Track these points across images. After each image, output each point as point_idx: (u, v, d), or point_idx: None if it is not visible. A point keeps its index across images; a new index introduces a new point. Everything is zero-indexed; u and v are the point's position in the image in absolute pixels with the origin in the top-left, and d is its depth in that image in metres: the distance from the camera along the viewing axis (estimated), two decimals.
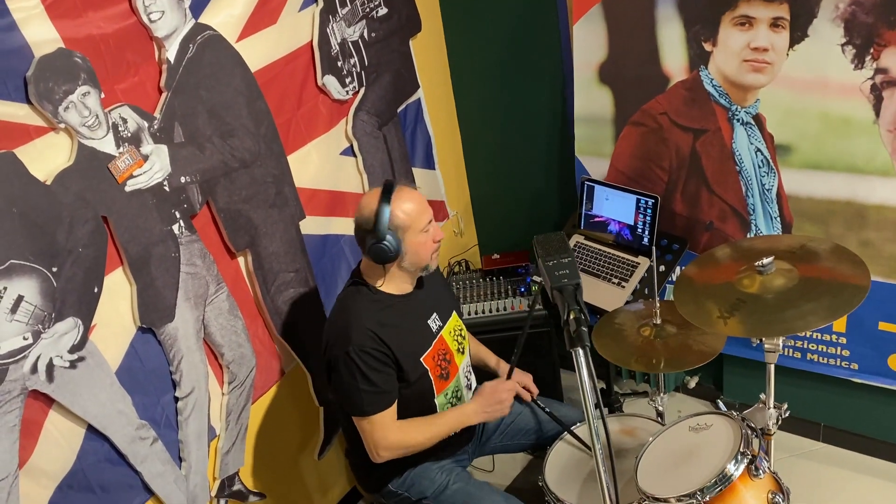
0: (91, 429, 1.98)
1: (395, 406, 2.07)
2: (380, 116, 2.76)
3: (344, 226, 2.68)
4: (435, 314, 2.20)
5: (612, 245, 2.74)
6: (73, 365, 1.90)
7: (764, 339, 1.82)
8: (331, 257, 2.67)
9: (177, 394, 2.19)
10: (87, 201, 1.88)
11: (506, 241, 3.31)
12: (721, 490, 1.63)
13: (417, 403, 2.12)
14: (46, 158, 1.81)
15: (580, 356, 1.37)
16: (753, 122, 2.43)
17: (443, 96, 3.15)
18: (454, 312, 2.28)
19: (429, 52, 3.00)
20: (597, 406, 1.44)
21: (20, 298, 1.77)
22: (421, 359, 2.10)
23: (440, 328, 2.20)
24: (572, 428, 2.21)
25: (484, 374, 2.41)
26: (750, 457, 1.67)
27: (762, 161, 2.46)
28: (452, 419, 2.14)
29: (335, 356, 2.03)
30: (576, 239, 2.85)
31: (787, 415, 1.90)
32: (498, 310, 2.89)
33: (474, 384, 2.32)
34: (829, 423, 2.79)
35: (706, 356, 2.03)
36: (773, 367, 1.84)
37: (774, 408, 1.87)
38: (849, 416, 2.72)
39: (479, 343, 2.48)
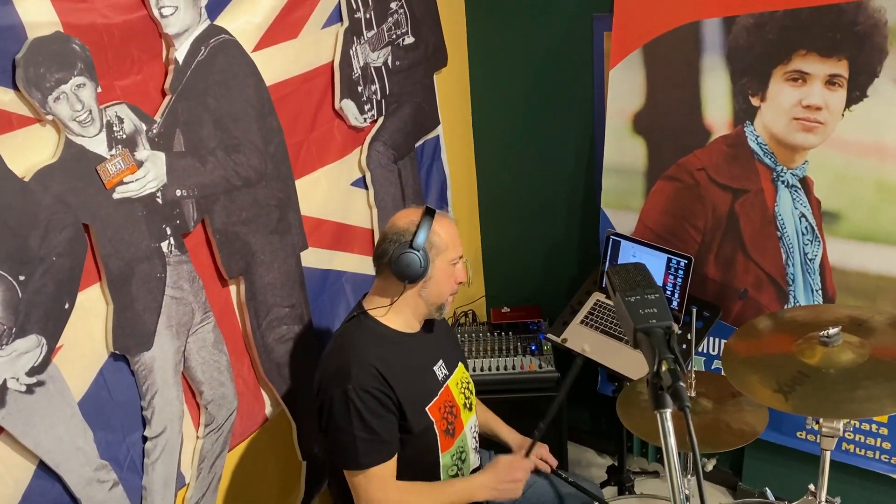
0: (42, 466, 1.71)
1: (395, 460, 1.82)
2: (396, 149, 2.58)
3: (348, 262, 2.47)
4: (441, 361, 1.97)
5: None
6: (30, 389, 1.65)
7: (823, 420, 1.60)
8: (330, 295, 2.45)
9: (146, 433, 1.93)
10: (69, 205, 1.66)
11: (516, 295, 3.10)
12: None
13: (419, 462, 1.87)
14: (27, 152, 1.60)
15: (685, 418, 1.11)
16: (800, 185, 2.25)
17: (462, 136, 2.99)
18: (461, 363, 2.06)
19: (452, 87, 2.85)
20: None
21: None
22: (426, 408, 1.87)
23: (446, 377, 1.97)
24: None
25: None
26: None
27: (806, 228, 2.27)
28: (460, 490, 1.89)
29: (330, 396, 1.80)
30: (595, 298, 2.64)
31: None
32: (506, 368, 2.66)
33: (478, 448, 2.07)
34: None
35: (746, 437, 1.80)
36: (828, 454, 1.62)
37: (826, 502, 1.64)
38: None
39: (486, 408, 2.25)
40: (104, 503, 1.84)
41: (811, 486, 1.68)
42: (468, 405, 2.02)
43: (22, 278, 1.60)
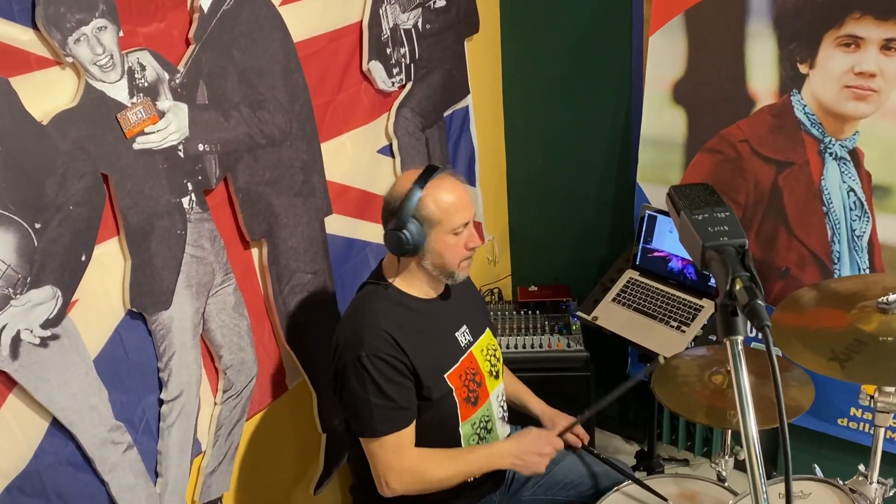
0: (56, 423, 1.66)
1: (412, 427, 1.75)
2: (425, 117, 2.49)
3: (372, 232, 2.39)
4: (465, 327, 1.89)
5: (672, 285, 2.43)
6: (44, 343, 1.59)
7: (878, 395, 1.49)
8: (354, 265, 2.37)
9: (162, 395, 1.87)
10: (87, 152, 1.60)
11: (544, 274, 3.00)
12: None
13: (438, 430, 1.80)
14: (46, 95, 1.54)
15: (764, 337, 0.95)
16: (849, 158, 2.14)
17: (492, 107, 2.90)
18: (488, 330, 1.98)
19: (483, 55, 2.76)
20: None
21: None
22: (445, 375, 1.80)
23: (470, 343, 1.89)
24: (624, 485, 1.87)
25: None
26: None
27: (855, 203, 2.16)
28: (481, 457, 1.80)
29: (344, 363, 1.74)
30: (629, 275, 2.54)
31: (892, 493, 1.56)
32: (532, 346, 2.58)
33: (507, 418, 1.99)
34: None
35: (792, 412, 1.70)
36: (882, 432, 1.51)
37: (879, 483, 1.53)
38: None
39: (514, 378, 2.16)
40: (118, 465, 1.79)
41: (861, 467, 1.58)
42: (494, 373, 1.94)
43: (38, 226, 1.54)
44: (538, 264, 3.10)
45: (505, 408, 1.99)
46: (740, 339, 1.01)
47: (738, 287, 0.96)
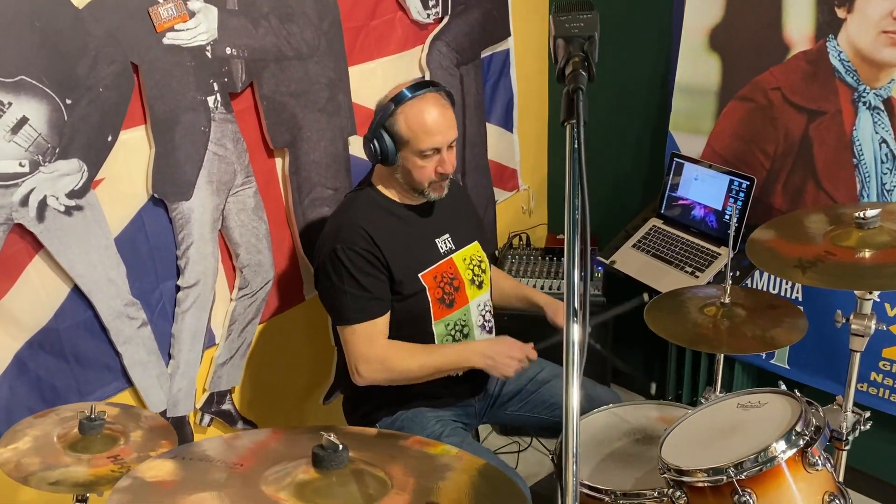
0: (76, 290, 1.82)
1: (385, 319, 1.83)
2: (460, 53, 2.55)
3: None
4: (447, 235, 1.94)
5: (692, 233, 2.41)
6: (68, 211, 1.75)
7: (853, 317, 1.46)
8: None
9: (179, 282, 2.02)
10: (119, 41, 1.75)
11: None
12: (762, 471, 1.27)
13: (411, 326, 1.87)
14: None
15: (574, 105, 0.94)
16: (883, 108, 2.07)
17: (535, 55, 2.91)
18: (476, 242, 2.02)
19: (527, 1, 2.78)
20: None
21: (24, 120, 1.63)
22: (420, 274, 1.86)
23: (451, 251, 1.94)
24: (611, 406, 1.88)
25: None
26: (807, 439, 1.31)
27: (887, 155, 2.08)
28: (452, 353, 1.86)
29: (322, 257, 1.84)
30: (652, 223, 2.52)
31: (867, 427, 1.52)
32: (550, 288, 2.59)
33: (493, 331, 2.03)
34: None
35: (778, 343, 1.67)
36: (858, 356, 1.47)
37: (853, 412, 1.50)
38: None
39: (518, 283, 2.24)
40: (132, 339, 1.94)
41: (839, 397, 1.54)
42: (478, 283, 1.98)
43: (69, 102, 1.69)
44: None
45: (488, 318, 2.03)
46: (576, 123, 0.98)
47: (570, 68, 0.96)
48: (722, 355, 1.88)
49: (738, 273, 2.19)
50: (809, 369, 2.32)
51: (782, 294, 2.34)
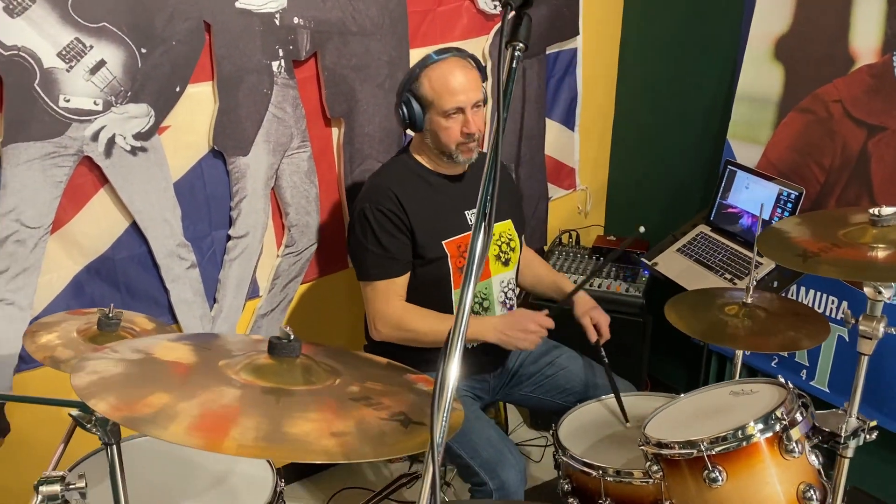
0: (134, 226, 1.99)
1: (405, 279, 1.90)
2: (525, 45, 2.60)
3: None
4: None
5: (737, 241, 2.37)
6: (133, 151, 1.92)
7: (862, 318, 1.43)
8: None
9: (230, 231, 2.16)
10: (195, 1, 1.91)
11: (630, 230, 2.99)
12: (735, 448, 1.27)
13: (431, 290, 1.93)
14: None
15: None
16: None
17: (605, 57, 2.94)
18: (510, 220, 2.06)
19: (601, 2, 2.82)
20: None
21: (102, 63, 1.81)
22: (443, 242, 1.92)
23: None
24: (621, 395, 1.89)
25: None
26: (784, 424, 1.29)
27: None
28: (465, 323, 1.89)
29: (353, 217, 1.95)
30: (700, 230, 2.50)
31: (872, 436, 1.47)
32: (591, 285, 2.60)
33: (515, 308, 2.07)
34: None
35: (796, 346, 1.64)
36: (865, 360, 1.44)
37: (858, 419, 1.46)
38: None
39: (556, 272, 2.28)
40: (180, 278, 2.09)
41: (846, 403, 1.50)
42: (504, 260, 2.02)
43: (143, 51, 1.86)
44: (630, 220, 3.09)
45: (510, 296, 2.06)
46: (520, 47, 0.99)
47: None
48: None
49: (776, 284, 2.15)
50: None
51: (828, 314, 2.27)
